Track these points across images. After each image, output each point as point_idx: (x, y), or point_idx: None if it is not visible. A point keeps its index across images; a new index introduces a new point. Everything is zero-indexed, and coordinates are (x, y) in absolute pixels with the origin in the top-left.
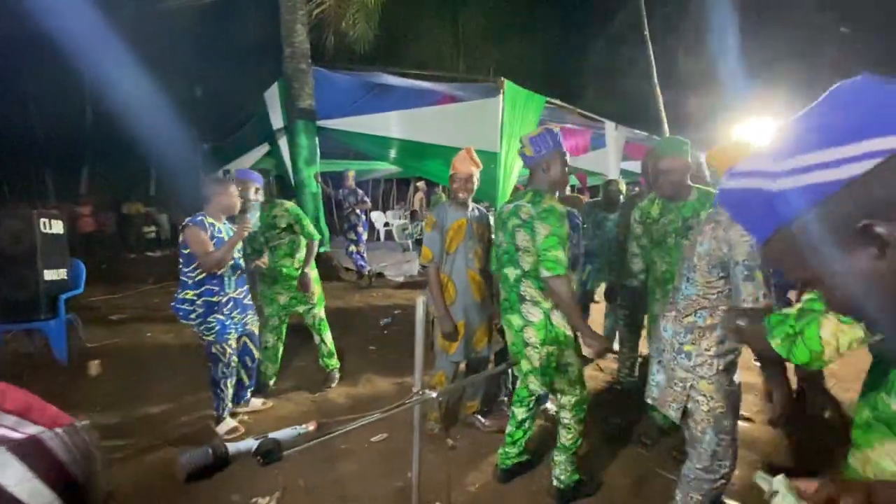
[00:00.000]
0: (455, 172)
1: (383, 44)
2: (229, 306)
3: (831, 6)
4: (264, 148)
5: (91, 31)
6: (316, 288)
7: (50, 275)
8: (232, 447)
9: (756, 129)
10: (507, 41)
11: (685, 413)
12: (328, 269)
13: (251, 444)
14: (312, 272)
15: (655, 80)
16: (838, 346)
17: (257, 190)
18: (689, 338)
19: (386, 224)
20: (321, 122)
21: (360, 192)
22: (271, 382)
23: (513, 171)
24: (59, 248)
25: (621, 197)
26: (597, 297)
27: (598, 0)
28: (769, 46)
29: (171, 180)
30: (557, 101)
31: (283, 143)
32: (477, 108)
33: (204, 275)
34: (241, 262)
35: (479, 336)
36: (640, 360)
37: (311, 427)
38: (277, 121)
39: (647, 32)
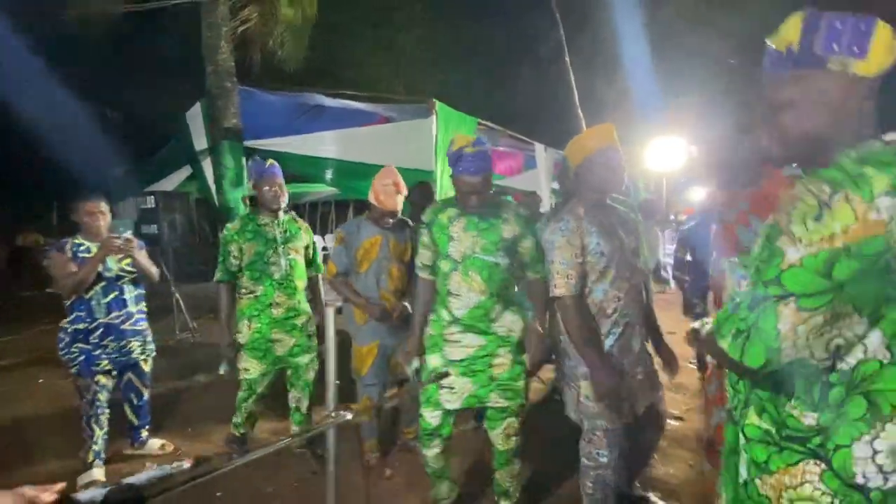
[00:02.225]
0: (377, 204)
1: (317, 65)
2: (98, 333)
3: (724, 39)
4: (186, 171)
5: None
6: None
7: None
8: None
9: (667, 146)
10: (443, 66)
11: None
12: None
13: (95, 494)
14: None
15: (577, 104)
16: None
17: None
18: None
19: (324, 248)
20: (249, 143)
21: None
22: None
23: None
24: None
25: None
26: None
27: (525, 29)
28: (677, 73)
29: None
30: (489, 123)
31: (206, 164)
32: (412, 128)
33: (73, 300)
34: (127, 283)
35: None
36: None
37: (187, 464)
38: (201, 142)
39: (567, 59)
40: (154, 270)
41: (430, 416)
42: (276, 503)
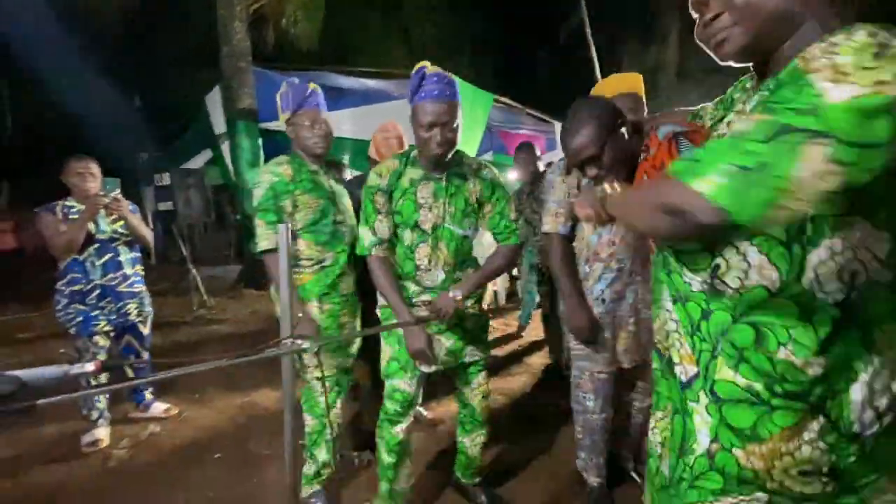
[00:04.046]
0: (377, 159)
1: (330, 48)
2: (94, 295)
3: None
4: (207, 154)
5: (10, 35)
6: None
7: None
8: None
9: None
10: (458, 48)
11: None
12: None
13: None
14: None
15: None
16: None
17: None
18: None
19: None
20: (265, 125)
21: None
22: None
23: None
24: None
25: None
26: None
27: (545, 5)
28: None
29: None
30: (507, 100)
31: (225, 147)
32: None
33: (68, 261)
34: (122, 246)
35: None
36: None
37: (90, 367)
38: (220, 125)
39: (589, 36)
40: (148, 233)
41: (405, 384)
42: (275, 465)
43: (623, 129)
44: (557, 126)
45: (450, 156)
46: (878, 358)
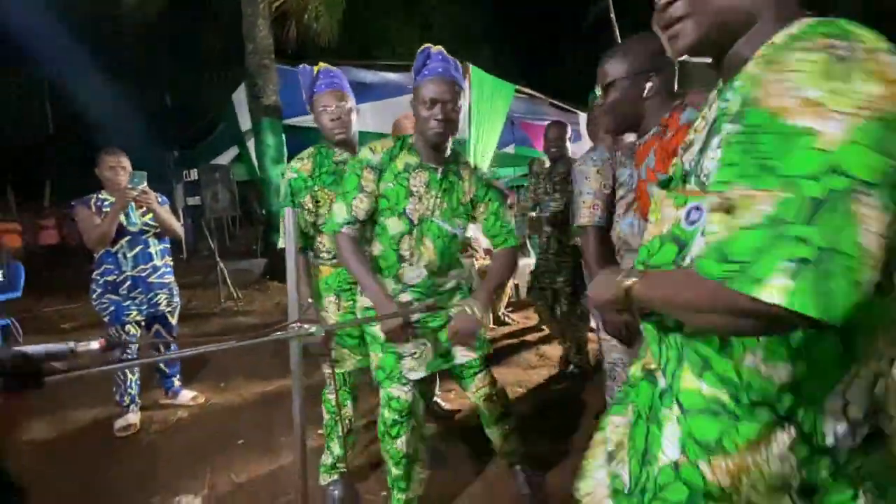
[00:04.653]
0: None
1: (353, 40)
2: (126, 286)
3: None
4: (234, 151)
5: (52, 39)
6: None
7: None
8: None
9: None
10: (479, 38)
11: None
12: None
13: None
14: None
15: None
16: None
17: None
18: None
19: None
20: (288, 121)
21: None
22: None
23: (483, 157)
24: None
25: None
26: None
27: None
28: None
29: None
30: (528, 90)
31: (251, 145)
32: None
33: (101, 252)
34: (151, 238)
35: None
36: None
37: (95, 345)
38: (246, 122)
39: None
40: (177, 225)
41: (399, 391)
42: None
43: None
44: (582, 117)
45: (449, 146)
46: (856, 366)
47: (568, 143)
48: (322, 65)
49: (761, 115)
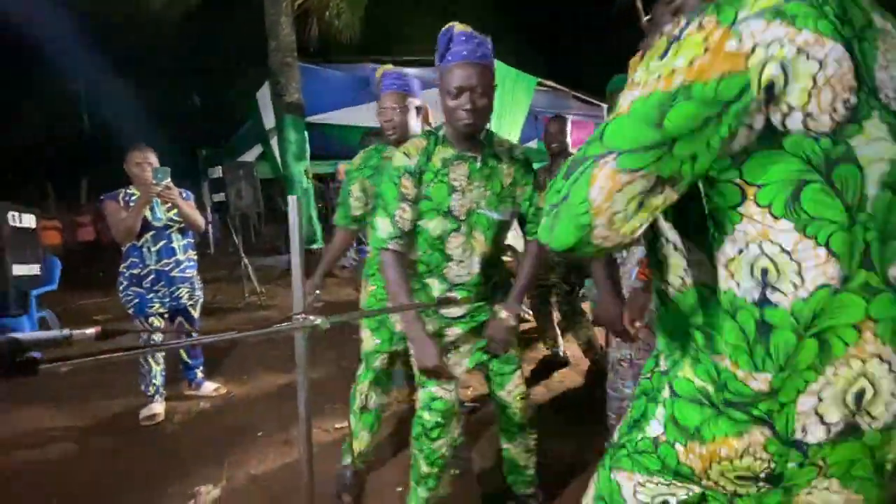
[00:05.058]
0: None
1: (372, 35)
2: (150, 279)
3: None
4: (258, 149)
5: (86, 45)
6: None
7: (20, 270)
8: None
9: None
10: (504, 31)
11: None
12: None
13: None
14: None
15: None
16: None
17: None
18: None
19: None
20: (311, 118)
21: None
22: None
23: None
24: (31, 242)
25: None
26: None
27: None
28: None
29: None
30: (552, 83)
31: (274, 142)
32: None
33: (127, 246)
34: (175, 233)
35: None
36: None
37: (90, 332)
38: (270, 120)
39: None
40: (199, 219)
41: (444, 391)
42: None
43: None
44: (606, 110)
45: (483, 130)
46: (832, 368)
47: (569, 138)
48: (387, 67)
49: None
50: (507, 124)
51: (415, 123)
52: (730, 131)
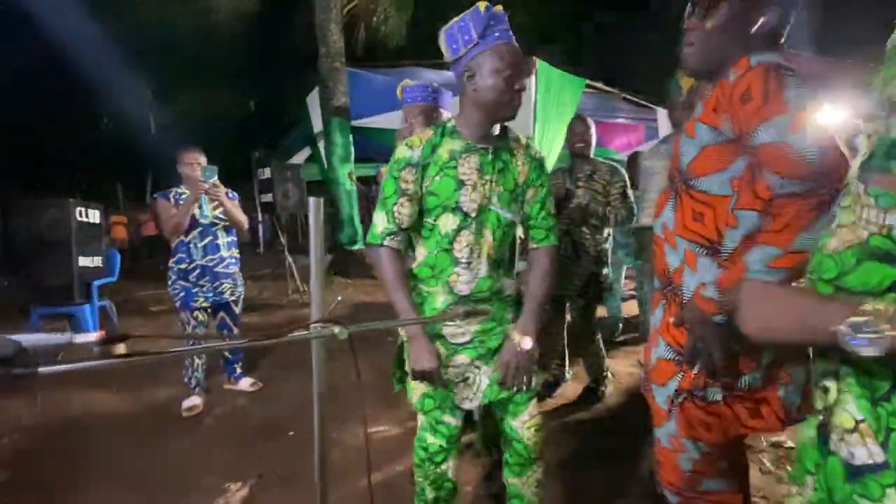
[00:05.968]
0: None
1: (418, 38)
2: (195, 273)
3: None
4: (306, 151)
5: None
6: None
7: (84, 261)
8: None
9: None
10: (550, 30)
11: None
12: (362, 267)
13: None
14: None
15: None
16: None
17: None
18: None
19: None
20: (356, 122)
21: None
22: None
23: (549, 157)
24: (95, 236)
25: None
26: None
27: None
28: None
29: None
30: (600, 85)
31: (321, 145)
32: None
33: (176, 242)
34: (220, 230)
35: None
36: None
37: (93, 337)
38: (318, 124)
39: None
40: (243, 218)
41: (450, 418)
42: (339, 448)
43: None
44: (661, 112)
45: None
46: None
47: (592, 140)
48: (407, 82)
49: None
50: (553, 128)
51: None
52: None
